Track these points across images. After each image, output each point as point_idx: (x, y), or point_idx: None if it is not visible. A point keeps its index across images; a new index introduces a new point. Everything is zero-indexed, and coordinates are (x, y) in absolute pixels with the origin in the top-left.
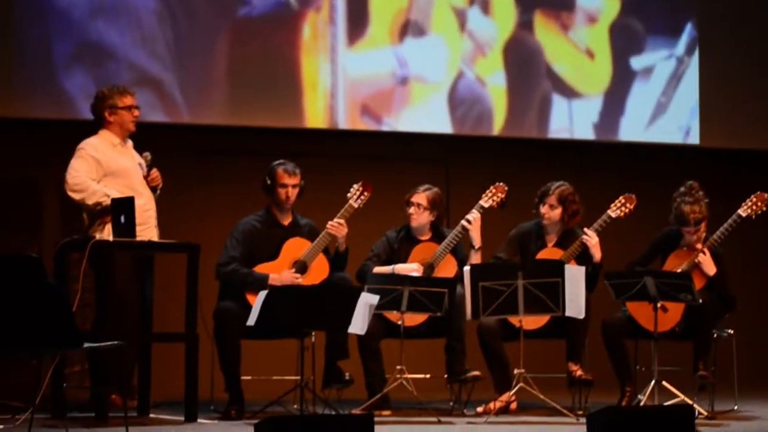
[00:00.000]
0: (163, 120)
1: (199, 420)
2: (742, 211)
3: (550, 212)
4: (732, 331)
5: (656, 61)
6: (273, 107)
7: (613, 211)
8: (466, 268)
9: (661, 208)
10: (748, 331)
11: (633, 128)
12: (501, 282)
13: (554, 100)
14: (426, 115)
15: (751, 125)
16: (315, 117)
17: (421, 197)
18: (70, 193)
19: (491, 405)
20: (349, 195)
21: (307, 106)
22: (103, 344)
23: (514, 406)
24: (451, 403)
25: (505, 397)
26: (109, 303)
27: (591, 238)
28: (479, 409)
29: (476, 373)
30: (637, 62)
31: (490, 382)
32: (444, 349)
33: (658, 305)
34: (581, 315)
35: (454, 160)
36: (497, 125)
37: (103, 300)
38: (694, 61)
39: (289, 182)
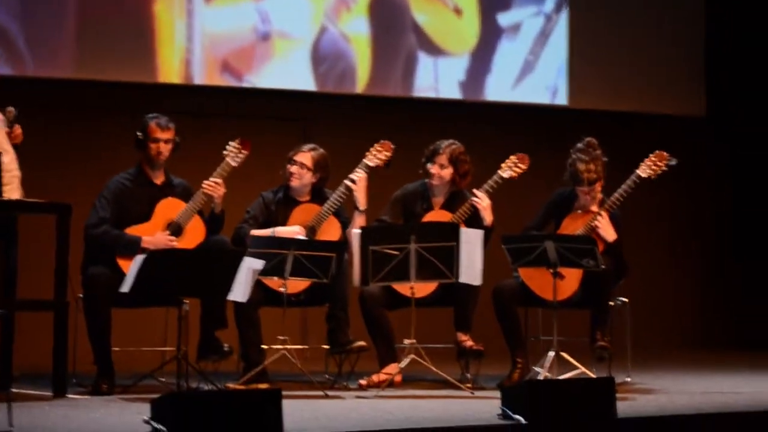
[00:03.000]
0: (8, 73)
1: (68, 395)
2: (642, 171)
3: (440, 171)
4: (627, 300)
5: (524, 17)
6: (125, 60)
7: (504, 171)
8: (356, 231)
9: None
10: (639, 299)
11: (500, 88)
12: (393, 246)
13: (420, 57)
14: (288, 71)
15: (620, 86)
16: (169, 72)
17: (305, 157)
18: None
19: (374, 378)
20: (225, 153)
21: (161, 61)
22: None
23: (398, 378)
24: (326, 376)
25: (390, 369)
26: None
27: (482, 200)
28: (362, 382)
29: (361, 343)
30: (504, 19)
31: (371, 353)
32: (326, 318)
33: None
34: (477, 282)
35: (315, 118)
36: (361, 82)
37: None
38: (563, 18)
39: (162, 137)
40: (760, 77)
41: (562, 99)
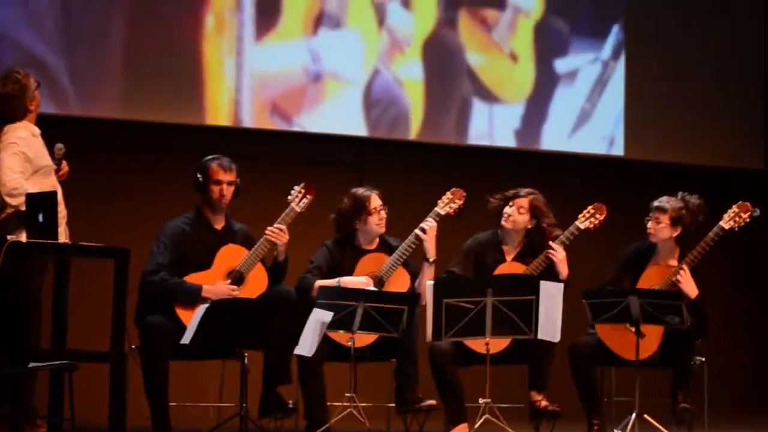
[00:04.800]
0: (51, 111)
1: None
2: (725, 224)
3: (517, 216)
4: (704, 359)
5: (581, 64)
6: (172, 101)
7: (582, 223)
8: (429, 283)
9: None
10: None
11: (555, 136)
12: (468, 299)
13: (474, 104)
14: (339, 115)
15: (677, 137)
16: (217, 113)
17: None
18: (8, 199)
19: None
20: (290, 198)
21: (209, 102)
22: (49, 364)
23: None
24: None
25: (459, 429)
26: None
27: (557, 252)
28: None
29: (431, 402)
30: (561, 65)
31: (440, 412)
32: (394, 373)
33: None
34: (556, 338)
35: (368, 163)
36: (414, 129)
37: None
38: (620, 65)
39: (225, 179)
40: None
41: (618, 149)
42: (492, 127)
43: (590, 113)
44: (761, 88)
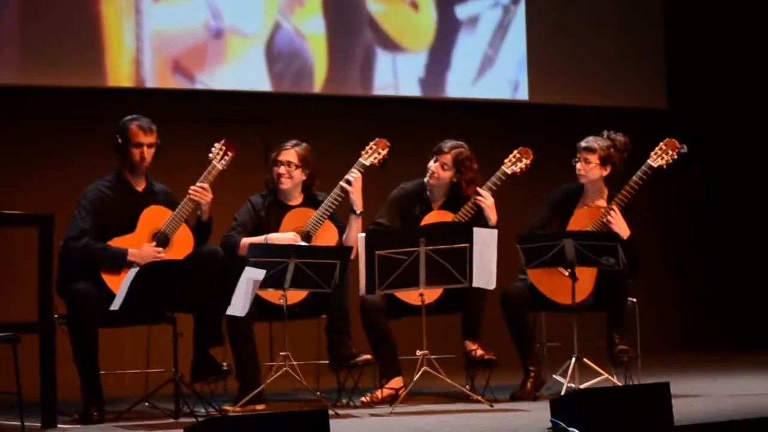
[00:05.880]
0: None
1: (59, 425)
2: (653, 162)
3: (441, 172)
4: (635, 300)
5: (482, 9)
6: (71, 64)
7: (509, 167)
8: (361, 235)
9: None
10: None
11: (460, 83)
12: (401, 250)
13: (378, 54)
14: (242, 71)
15: (581, 79)
16: (119, 75)
17: (290, 154)
18: None
19: (377, 393)
20: (211, 155)
21: (110, 64)
22: None
23: (403, 393)
24: (318, 393)
25: (394, 383)
26: None
27: (485, 198)
28: (364, 399)
29: (367, 357)
30: (462, 11)
31: (372, 367)
32: (325, 330)
33: (567, 273)
34: (491, 286)
35: (274, 119)
36: (318, 82)
37: None
38: (521, 9)
39: (145, 141)
40: (721, 66)
41: (523, 94)
42: (396, 76)
43: (493, 59)
44: (662, 28)
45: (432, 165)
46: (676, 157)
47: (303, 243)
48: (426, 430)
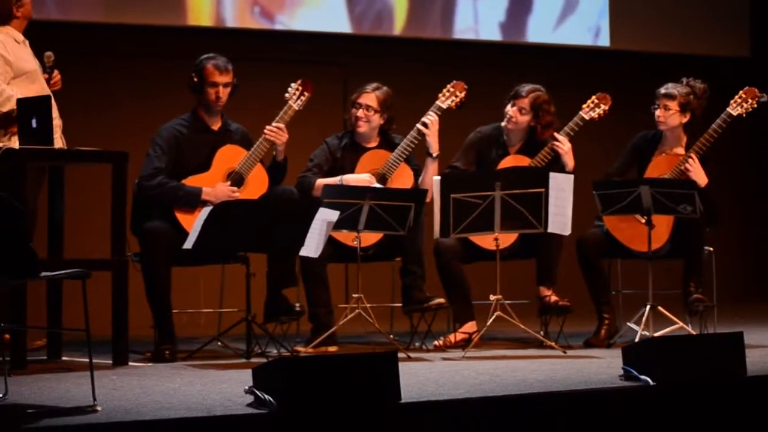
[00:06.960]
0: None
1: (130, 363)
2: (732, 110)
3: (519, 116)
4: (712, 249)
5: None
6: (153, 2)
7: (586, 113)
8: (436, 178)
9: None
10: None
11: (541, 29)
12: (476, 194)
13: None
14: (323, 12)
15: (662, 27)
16: (199, 14)
17: (370, 98)
18: None
19: (451, 337)
20: (287, 95)
21: (191, 2)
22: (63, 272)
23: (476, 337)
24: (391, 336)
25: (467, 327)
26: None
27: (563, 144)
28: (437, 343)
29: (440, 300)
30: None
31: (446, 311)
32: (399, 273)
33: (643, 220)
34: (567, 231)
35: (350, 60)
36: (398, 24)
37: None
38: None
39: (221, 80)
40: None
41: (604, 40)
42: (477, 20)
43: (575, 5)
44: None
45: (509, 109)
46: (755, 105)
47: (378, 185)
48: (496, 374)
